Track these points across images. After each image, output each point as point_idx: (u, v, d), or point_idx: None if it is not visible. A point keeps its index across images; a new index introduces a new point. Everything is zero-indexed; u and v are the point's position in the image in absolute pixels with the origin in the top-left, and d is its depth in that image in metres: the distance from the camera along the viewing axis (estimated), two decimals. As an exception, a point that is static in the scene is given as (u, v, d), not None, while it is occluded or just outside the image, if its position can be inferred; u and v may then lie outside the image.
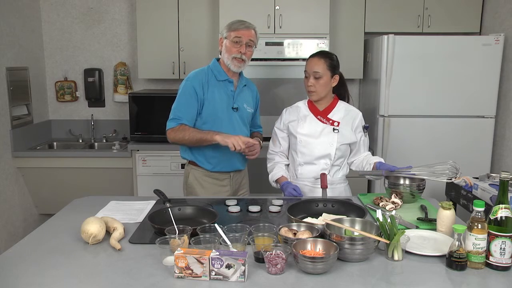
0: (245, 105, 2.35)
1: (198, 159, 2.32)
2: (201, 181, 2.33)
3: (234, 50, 2.21)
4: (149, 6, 3.63)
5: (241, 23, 2.23)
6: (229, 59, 2.23)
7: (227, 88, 2.29)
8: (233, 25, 2.23)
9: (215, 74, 2.28)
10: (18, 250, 1.56)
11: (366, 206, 1.99)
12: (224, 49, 2.25)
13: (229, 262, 1.32)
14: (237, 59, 2.22)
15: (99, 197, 2.15)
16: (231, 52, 2.21)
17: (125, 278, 1.35)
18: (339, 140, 2.24)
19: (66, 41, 4.01)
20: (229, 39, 2.22)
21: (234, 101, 2.30)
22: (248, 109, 2.37)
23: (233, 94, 2.30)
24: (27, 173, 3.59)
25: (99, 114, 4.10)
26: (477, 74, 3.32)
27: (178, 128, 2.21)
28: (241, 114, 2.33)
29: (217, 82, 2.27)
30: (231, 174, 2.36)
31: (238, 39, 2.20)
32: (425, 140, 3.40)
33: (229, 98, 2.29)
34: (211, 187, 2.33)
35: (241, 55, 2.21)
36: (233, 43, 2.21)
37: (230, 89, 2.30)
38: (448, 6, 3.65)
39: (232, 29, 2.22)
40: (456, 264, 1.41)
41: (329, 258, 1.37)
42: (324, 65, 2.18)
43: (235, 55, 2.21)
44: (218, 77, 2.28)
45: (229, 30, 2.23)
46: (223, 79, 2.28)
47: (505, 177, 1.45)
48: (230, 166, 2.34)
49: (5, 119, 3.41)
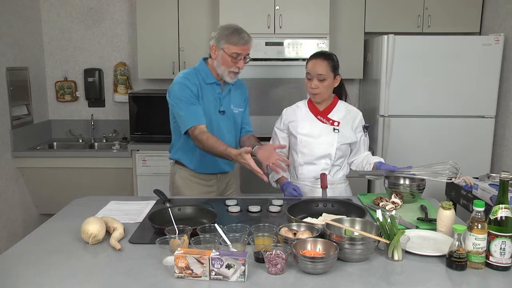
0: (232, 106, 2.29)
1: (184, 159, 2.28)
2: (187, 182, 2.30)
3: (231, 65, 2.14)
4: (149, 6, 3.63)
5: (240, 37, 2.12)
6: (225, 72, 2.16)
7: (214, 91, 2.24)
8: (231, 38, 2.12)
9: (203, 77, 2.22)
10: (18, 250, 1.56)
11: (366, 206, 1.99)
12: (220, 60, 2.16)
13: (229, 262, 1.32)
14: (234, 73, 2.18)
15: (99, 197, 2.15)
16: (229, 66, 2.15)
17: (125, 278, 1.35)
18: (339, 140, 2.24)
19: (66, 41, 4.01)
20: (227, 52, 2.12)
21: (221, 104, 2.25)
22: (235, 110, 2.31)
23: (220, 97, 2.25)
24: (27, 173, 3.59)
25: (99, 114, 4.10)
26: (477, 74, 3.32)
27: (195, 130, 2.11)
28: (229, 117, 2.28)
29: (205, 84, 2.21)
30: (217, 176, 2.33)
31: (238, 55, 2.13)
32: (425, 140, 3.40)
33: (216, 101, 2.24)
34: (197, 188, 2.30)
35: (238, 70, 2.17)
36: (231, 58, 2.13)
37: (217, 92, 2.25)
38: (448, 6, 3.65)
39: (230, 43, 2.12)
40: (456, 264, 1.41)
41: (329, 258, 1.37)
42: (327, 67, 2.17)
43: (232, 70, 2.16)
44: (206, 79, 2.22)
45: (227, 43, 2.12)
46: (211, 82, 2.22)
47: (505, 177, 1.45)
48: (216, 168, 2.30)
49: (5, 119, 3.41)
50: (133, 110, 3.59)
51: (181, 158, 2.30)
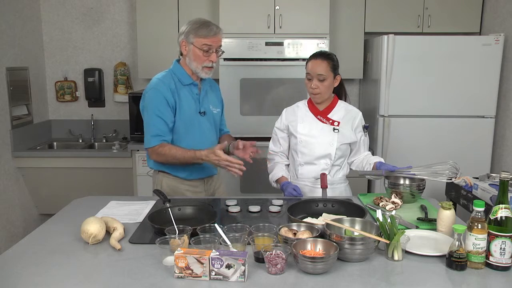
0: (211, 107, 2.26)
1: (171, 168, 2.20)
2: (175, 189, 2.22)
3: (204, 59, 2.09)
4: (149, 6, 3.63)
5: (208, 29, 2.08)
6: (198, 67, 2.12)
7: (192, 92, 2.18)
8: (200, 31, 2.07)
9: (180, 78, 2.16)
10: (18, 250, 1.56)
11: (366, 206, 1.99)
12: (191, 56, 2.11)
13: (229, 262, 1.32)
14: (208, 68, 2.13)
15: (99, 197, 2.15)
16: (201, 61, 2.10)
17: (125, 278, 1.35)
18: (339, 140, 2.24)
19: (66, 41, 4.01)
20: (197, 46, 2.07)
21: (201, 105, 2.20)
22: (214, 110, 2.28)
23: (198, 98, 2.20)
24: (27, 173, 3.59)
25: (99, 114, 4.09)
26: (477, 74, 3.32)
27: (158, 151, 2.10)
28: (209, 117, 2.24)
29: (182, 86, 2.16)
30: (205, 180, 2.29)
31: (209, 47, 2.08)
32: (425, 140, 3.40)
33: (195, 102, 2.19)
34: (186, 194, 2.24)
35: (212, 64, 2.12)
36: (202, 51, 2.08)
37: (195, 93, 2.19)
38: (448, 6, 3.65)
39: (199, 36, 2.07)
40: (456, 264, 1.41)
41: (329, 258, 1.37)
42: (327, 67, 2.17)
43: (205, 64, 2.11)
44: (182, 81, 2.16)
45: (196, 36, 2.07)
46: (188, 83, 2.17)
47: (505, 177, 1.45)
48: (204, 172, 2.26)
49: (5, 119, 3.41)
50: (133, 110, 3.59)
51: (165, 168, 2.21)
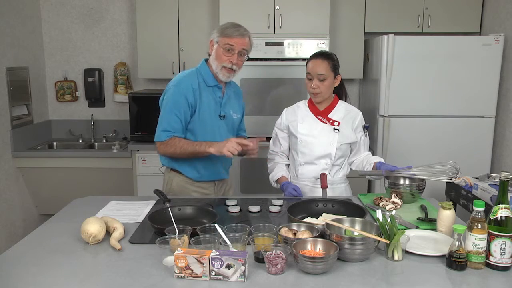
0: (231, 112, 2.24)
1: (184, 168, 2.20)
2: (184, 190, 2.22)
3: (224, 58, 2.07)
4: (149, 6, 3.63)
5: (235, 29, 2.07)
6: (218, 67, 2.09)
7: (215, 94, 2.17)
8: (226, 30, 2.07)
9: (205, 79, 2.14)
10: (18, 250, 1.56)
11: (366, 206, 1.99)
12: (214, 54, 2.10)
13: (229, 262, 1.32)
14: (227, 69, 2.09)
15: (99, 197, 2.15)
16: (222, 60, 2.07)
17: (125, 278, 1.35)
18: (339, 139, 2.24)
19: (66, 41, 4.01)
20: (220, 45, 2.07)
21: (222, 108, 2.19)
22: (234, 116, 2.26)
23: (220, 101, 2.18)
24: (27, 173, 3.59)
25: (99, 114, 4.09)
26: (477, 74, 3.32)
27: (168, 142, 2.10)
28: (228, 122, 2.22)
29: (206, 87, 2.14)
30: (215, 183, 2.28)
31: (230, 47, 2.05)
32: (425, 140, 3.40)
33: (216, 105, 2.17)
34: (194, 195, 2.23)
35: (231, 65, 2.08)
36: (224, 51, 2.06)
37: (218, 96, 2.18)
38: (448, 6, 3.65)
39: (224, 35, 2.06)
40: (456, 264, 1.41)
41: (329, 258, 1.37)
42: (328, 66, 2.17)
43: (225, 64, 2.08)
44: (207, 82, 2.14)
45: (221, 35, 2.07)
46: (213, 85, 2.15)
47: (505, 177, 1.45)
48: (215, 175, 2.26)
49: (5, 119, 3.41)
50: (133, 110, 3.59)
51: (178, 167, 2.22)
